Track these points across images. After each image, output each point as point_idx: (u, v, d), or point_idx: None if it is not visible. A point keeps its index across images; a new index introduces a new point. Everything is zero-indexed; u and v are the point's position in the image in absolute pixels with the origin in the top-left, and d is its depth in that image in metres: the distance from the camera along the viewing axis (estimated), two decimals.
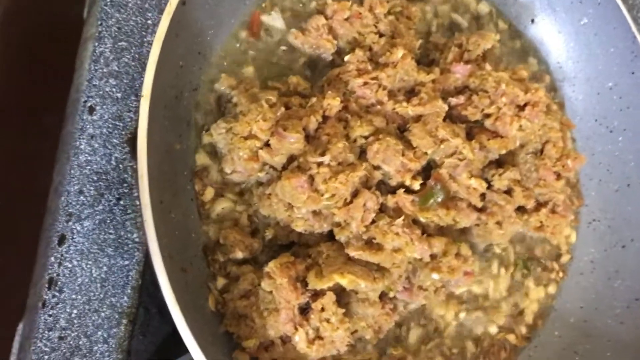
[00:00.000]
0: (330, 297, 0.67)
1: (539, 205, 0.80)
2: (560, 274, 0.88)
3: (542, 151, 0.79)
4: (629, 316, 0.82)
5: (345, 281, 0.67)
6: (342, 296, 0.70)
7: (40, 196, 0.91)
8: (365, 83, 0.74)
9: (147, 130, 0.58)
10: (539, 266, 0.87)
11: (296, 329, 0.66)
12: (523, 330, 0.85)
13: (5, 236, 0.99)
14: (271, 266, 0.66)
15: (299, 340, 0.66)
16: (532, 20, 0.90)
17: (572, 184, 0.89)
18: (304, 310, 0.68)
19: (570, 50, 0.90)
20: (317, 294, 0.68)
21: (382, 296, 0.73)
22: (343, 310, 0.68)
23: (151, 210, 0.58)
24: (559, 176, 0.79)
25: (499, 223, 0.77)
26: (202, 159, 0.74)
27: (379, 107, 0.74)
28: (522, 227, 0.80)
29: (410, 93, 0.77)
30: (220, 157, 0.73)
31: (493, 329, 0.83)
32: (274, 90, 0.75)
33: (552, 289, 0.87)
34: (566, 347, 0.83)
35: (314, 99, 0.72)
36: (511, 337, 0.83)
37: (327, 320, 0.67)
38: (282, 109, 0.71)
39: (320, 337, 0.67)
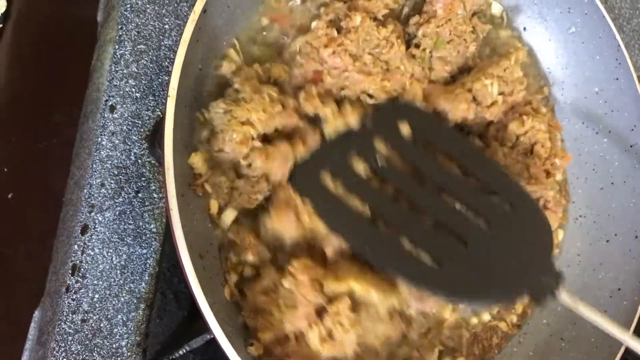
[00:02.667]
0: (346, 302, 0.70)
1: None
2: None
3: (531, 151, 0.84)
4: (611, 305, 0.87)
5: (358, 287, 0.71)
6: (355, 309, 0.73)
7: (50, 191, 0.96)
8: (334, 52, 0.77)
9: (173, 128, 0.63)
10: None
11: (311, 326, 0.70)
12: (514, 319, 0.90)
13: (16, 229, 1.03)
14: (294, 264, 0.70)
15: (312, 337, 0.70)
16: (524, 29, 0.96)
17: (561, 183, 0.93)
18: (320, 313, 0.72)
19: (559, 57, 0.95)
20: (333, 298, 0.71)
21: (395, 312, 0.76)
22: (356, 316, 0.72)
23: (176, 200, 0.63)
24: (548, 173, 0.84)
25: None
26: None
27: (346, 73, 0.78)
28: None
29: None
30: (211, 134, 0.75)
31: (486, 317, 0.88)
32: (274, 87, 0.78)
33: None
34: (553, 333, 0.88)
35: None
36: (502, 325, 0.89)
37: (340, 323, 0.70)
38: (279, 106, 0.74)
39: (332, 338, 0.70)
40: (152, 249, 0.81)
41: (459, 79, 0.87)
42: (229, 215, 0.76)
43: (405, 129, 0.78)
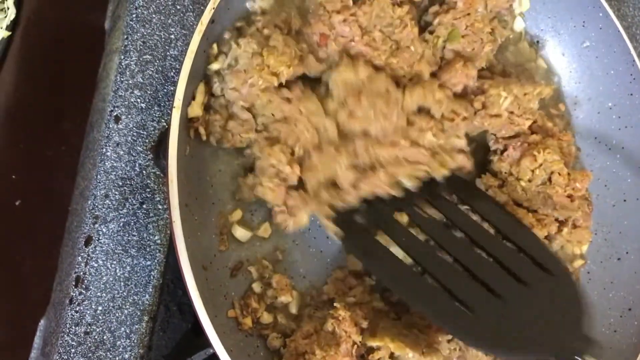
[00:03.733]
0: (387, 350, 0.71)
1: (561, 225, 0.86)
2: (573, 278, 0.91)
3: (550, 180, 0.83)
4: (622, 325, 0.86)
5: (393, 346, 0.71)
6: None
7: (57, 197, 0.96)
8: (345, 20, 0.76)
9: (178, 138, 0.63)
10: None
11: None
12: None
13: (23, 234, 1.03)
14: (337, 306, 0.71)
15: None
16: (537, 42, 0.95)
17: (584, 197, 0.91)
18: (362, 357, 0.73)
19: (573, 71, 0.94)
20: (372, 349, 0.72)
21: None
22: None
23: (179, 212, 0.62)
24: (571, 197, 0.84)
25: None
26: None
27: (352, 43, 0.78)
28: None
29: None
30: (230, 68, 0.74)
31: None
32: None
33: None
34: None
35: None
36: None
37: None
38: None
39: None
40: (156, 261, 0.80)
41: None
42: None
43: (448, 196, 0.82)
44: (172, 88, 0.85)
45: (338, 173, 0.74)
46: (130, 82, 0.84)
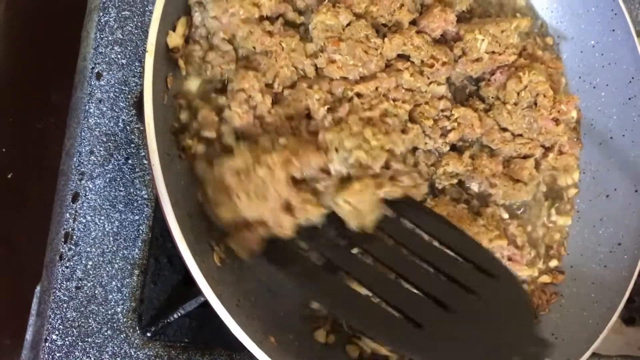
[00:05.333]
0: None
1: (547, 150, 0.86)
2: (568, 207, 0.92)
3: (535, 103, 0.83)
4: (612, 260, 0.86)
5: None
6: None
7: (48, 170, 0.96)
8: None
9: (152, 83, 0.62)
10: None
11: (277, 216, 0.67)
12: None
13: (16, 207, 1.03)
14: (274, 157, 0.67)
15: (276, 227, 0.67)
16: None
17: (572, 127, 0.92)
18: (288, 208, 0.69)
19: (554, 10, 0.93)
20: None
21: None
22: None
23: (158, 156, 0.62)
24: (557, 121, 0.84)
25: (521, 182, 0.83)
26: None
27: None
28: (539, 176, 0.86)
29: None
30: None
31: None
32: None
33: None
34: (554, 291, 0.87)
35: None
36: None
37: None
38: None
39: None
40: (144, 215, 0.80)
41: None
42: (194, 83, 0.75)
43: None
44: None
45: (312, 107, 0.73)
46: (110, 38, 0.84)
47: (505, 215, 0.85)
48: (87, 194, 0.79)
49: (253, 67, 0.73)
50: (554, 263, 0.89)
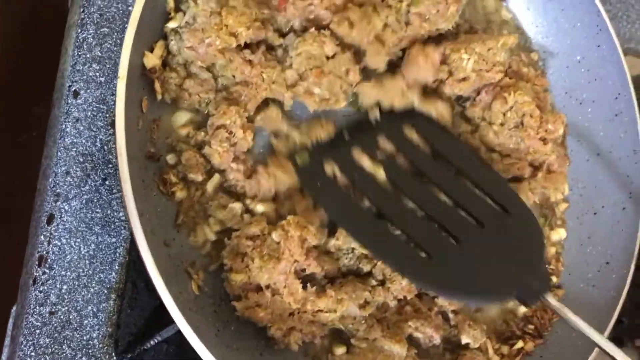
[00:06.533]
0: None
1: (535, 169, 0.85)
2: (560, 221, 0.91)
3: (522, 123, 0.82)
4: (600, 279, 0.85)
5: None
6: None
7: (30, 185, 0.94)
8: None
9: (125, 110, 0.61)
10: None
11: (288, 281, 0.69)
12: None
13: None
14: (289, 219, 0.69)
15: (287, 294, 0.69)
16: None
17: (559, 142, 0.90)
18: (299, 275, 0.71)
19: (540, 25, 0.92)
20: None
21: None
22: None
23: (131, 186, 0.60)
24: (545, 140, 0.82)
25: None
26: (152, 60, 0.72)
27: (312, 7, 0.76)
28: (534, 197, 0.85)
29: None
30: (188, 26, 0.72)
31: None
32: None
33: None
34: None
35: None
36: None
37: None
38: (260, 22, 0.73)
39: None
40: (121, 238, 0.78)
41: (441, 44, 0.84)
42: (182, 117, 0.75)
43: (409, 131, 0.79)
44: None
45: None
46: (88, 55, 0.82)
47: None
48: (63, 215, 0.77)
49: (234, 98, 0.72)
50: (552, 280, 0.88)
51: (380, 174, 0.76)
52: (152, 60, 0.69)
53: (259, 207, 0.73)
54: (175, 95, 0.73)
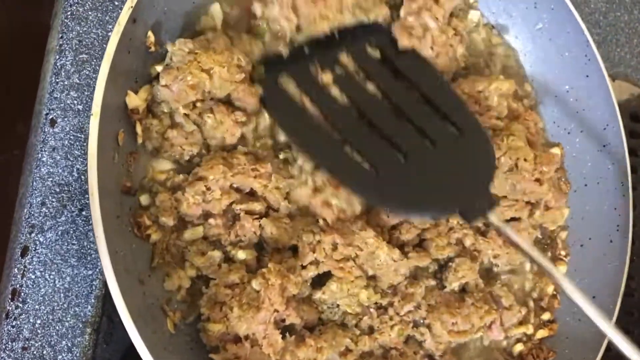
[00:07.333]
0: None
1: (533, 207, 0.83)
2: (563, 252, 0.89)
3: (516, 166, 0.80)
4: (586, 314, 0.83)
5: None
6: None
7: (10, 206, 0.92)
8: None
9: (98, 147, 0.59)
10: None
11: (268, 331, 0.68)
12: None
13: None
14: (270, 267, 0.68)
15: (266, 345, 0.67)
16: (492, 28, 0.92)
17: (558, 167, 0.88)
18: (278, 325, 0.69)
19: (528, 54, 0.91)
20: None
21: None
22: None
23: (103, 226, 0.59)
24: (540, 181, 0.81)
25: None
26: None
27: None
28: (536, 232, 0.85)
29: None
30: (165, 67, 0.71)
31: None
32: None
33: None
34: (551, 347, 0.84)
35: None
36: None
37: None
38: (243, 75, 0.72)
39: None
40: (97, 270, 0.77)
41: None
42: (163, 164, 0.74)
43: (373, 50, 0.79)
44: None
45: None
46: (66, 83, 0.81)
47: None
48: (38, 248, 0.75)
49: (229, 164, 0.71)
50: (546, 316, 0.86)
51: (337, 90, 0.76)
52: (134, 101, 0.68)
53: (240, 254, 0.71)
54: (158, 144, 0.71)
